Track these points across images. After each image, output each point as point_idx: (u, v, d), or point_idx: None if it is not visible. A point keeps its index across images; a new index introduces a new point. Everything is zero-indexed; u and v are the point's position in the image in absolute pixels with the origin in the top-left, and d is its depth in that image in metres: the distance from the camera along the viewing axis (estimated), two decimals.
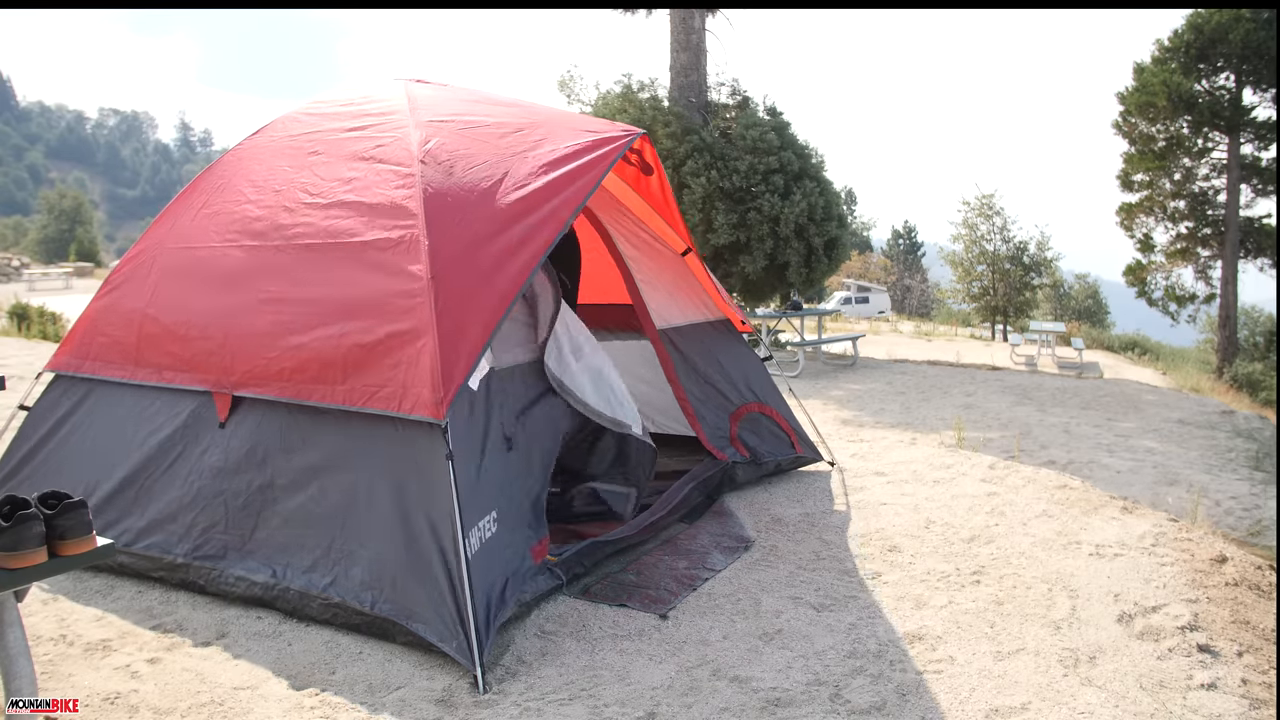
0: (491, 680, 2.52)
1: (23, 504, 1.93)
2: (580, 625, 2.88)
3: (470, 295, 2.90)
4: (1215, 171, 22.94)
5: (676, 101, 12.33)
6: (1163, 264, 23.98)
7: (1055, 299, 32.01)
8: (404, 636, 2.68)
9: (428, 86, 3.93)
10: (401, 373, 2.77)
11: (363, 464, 2.85)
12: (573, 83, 14.94)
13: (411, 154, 3.20)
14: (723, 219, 11.59)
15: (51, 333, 11.71)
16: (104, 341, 3.52)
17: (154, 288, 3.47)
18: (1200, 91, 21.89)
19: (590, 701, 2.42)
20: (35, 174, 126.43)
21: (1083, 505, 4.21)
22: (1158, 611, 2.93)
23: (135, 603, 3.05)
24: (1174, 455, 6.59)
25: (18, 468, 3.51)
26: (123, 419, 3.36)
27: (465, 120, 3.50)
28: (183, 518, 3.10)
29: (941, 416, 7.76)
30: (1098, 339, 25.24)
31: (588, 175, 3.31)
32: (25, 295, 17.11)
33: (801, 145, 12.24)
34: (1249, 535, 4.60)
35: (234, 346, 3.15)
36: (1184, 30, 21.74)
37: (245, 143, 3.79)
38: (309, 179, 3.36)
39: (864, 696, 2.43)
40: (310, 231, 3.20)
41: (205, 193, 3.61)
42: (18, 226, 64.90)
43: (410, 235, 2.95)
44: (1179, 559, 3.42)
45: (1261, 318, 25.03)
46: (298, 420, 3.00)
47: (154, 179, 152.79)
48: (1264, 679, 2.53)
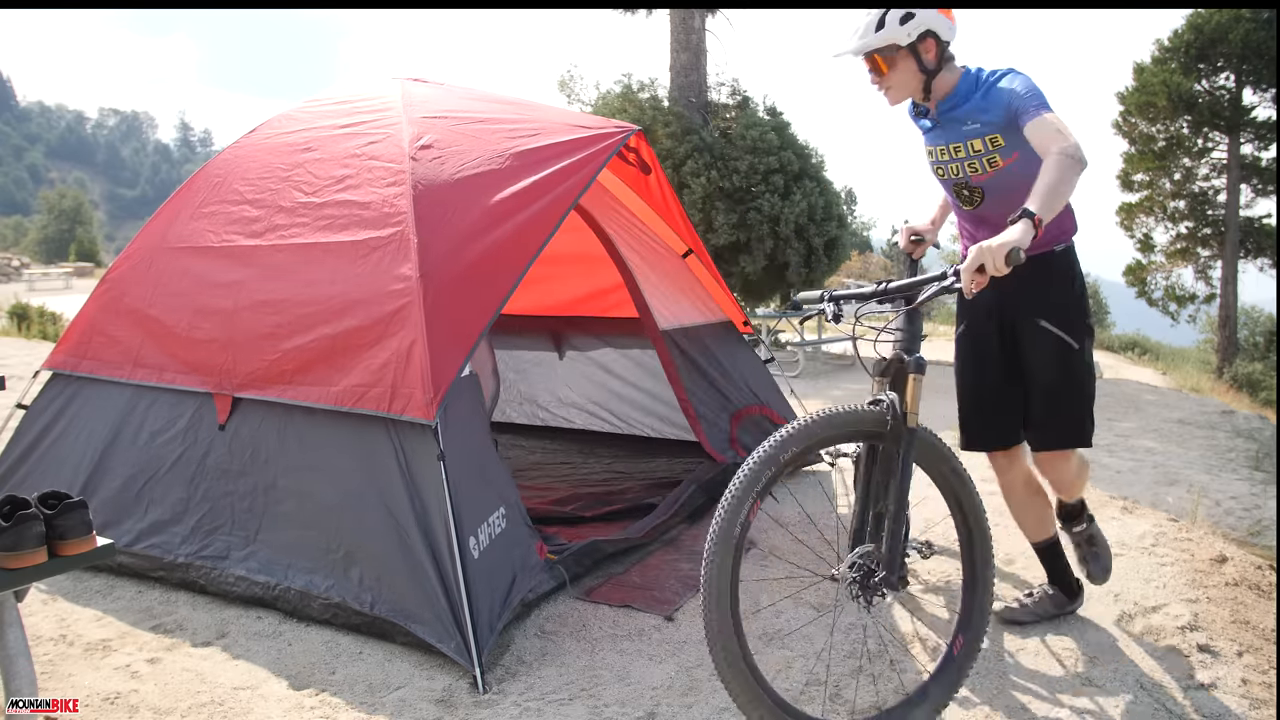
0: (491, 680, 2.52)
1: (23, 504, 1.92)
2: (580, 625, 2.88)
3: (461, 293, 2.89)
4: (1215, 171, 22.95)
5: (676, 101, 12.32)
6: (1163, 264, 23.98)
7: None
8: (403, 637, 2.68)
9: (424, 85, 3.92)
10: (391, 373, 2.77)
11: (358, 465, 2.84)
12: (573, 83, 14.92)
13: (403, 151, 3.20)
14: (723, 219, 11.58)
15: (51, 333, 11.70)
16: (102, 341, 3.52)
17: (153, 287, 3.46)
18: (1200, 91, 21.89)
19: (590, 701, 2.42)
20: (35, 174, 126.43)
21: None
22: (1158, 611, 2.93)
23: (135, 603, 3.05)
24: (1174, 455, 6.59)
25: (15, 466, 3.51)
26: (122, 419, 3.35)
27: (459, 117, 3.49)
28: (187, 519, 3.10)
29: (942, 416, 7.76)
30: (1098, 339, 25.18)
31: (582, 171, 3.30)
32: (25, 295, 17.12)
33: (801, 145, 12.23)
34: (1249, 535, 4.59)
35: (236, 348, 3.15)
36: (1184, 30, 21.74)
37: (241, 141, 3.78)
38: (304, 177, 3.36)
39: (864, 696, 2.43)
40: (305, 230, 3.20)
41: (202, 191, 3.61)
42: (18, 226, 64.93)
43: (400, 233, 2.95)
44: (1179, 559, 3.41)
45: (1261, 318, 25.01)
46: (295, 421, 3.00)
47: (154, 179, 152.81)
48: (1264, 679, 2.53)
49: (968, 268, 2.00)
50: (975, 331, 2.76)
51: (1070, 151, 2.17)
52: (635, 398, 5.34)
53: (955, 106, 2.50)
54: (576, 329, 5.48)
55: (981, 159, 2.49)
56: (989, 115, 2.43)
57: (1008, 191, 2.44)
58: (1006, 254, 1.95)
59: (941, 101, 2.53)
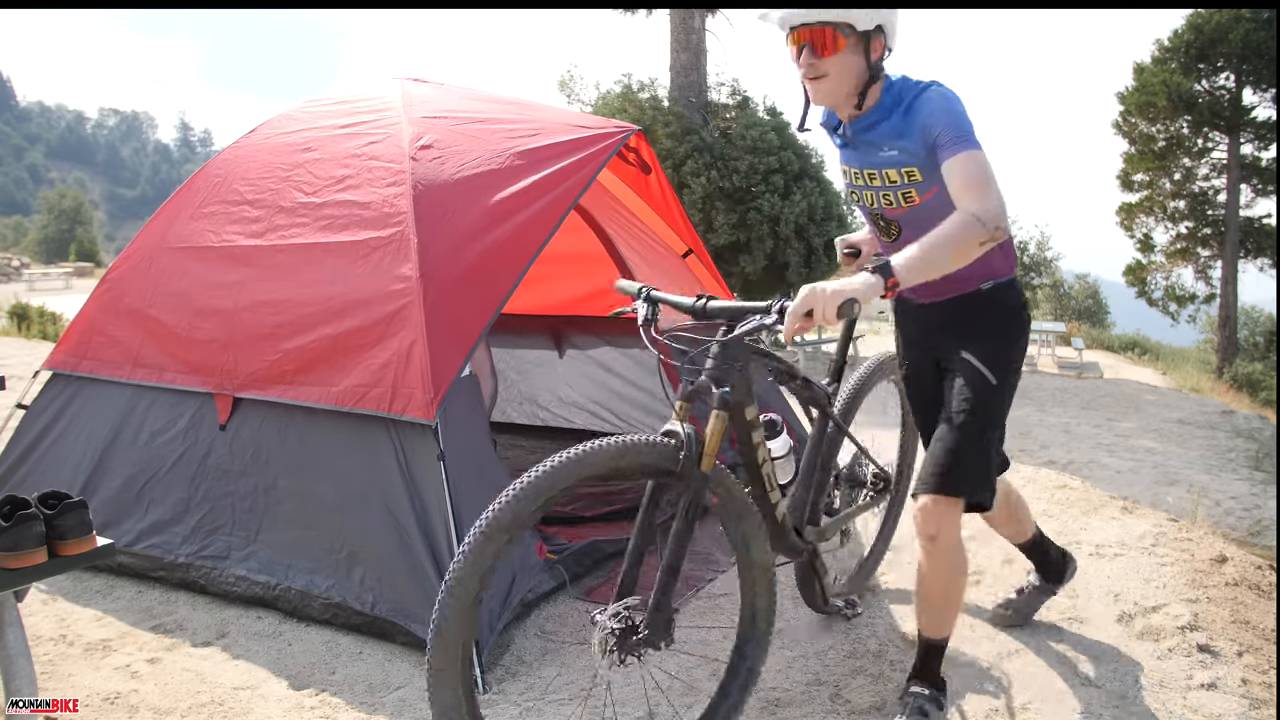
0: (491, 680, 2.52)
1: (23, 504, 1.92)
2: (580, 625, 2.88)
3: (461, 293, 2.89)
4: (1215, 171, 22.97)
5: (676, 101, 12.33)
6: (1163, 264, 24.00)
7: (1055, 299, 31.98)
8: (403, 637, 2.68)
9: (424, 85, 3.92)
10: (391, 373, 2.77)
11: (359, 465, 2.84)
12: (573, 83, 14.93)
13: (403, 150, 3.20)
14: (723, 219, 11.59)
15: (51, 333, 11.71)
16: (103, 341, 3.52)
17: (154, 287, 3.46)
18: (1200, 91, 21.90)
19: (590, 701, 2.42)
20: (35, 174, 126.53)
21: (1083, 505, 4.21)
22: (1158, 611, 2.93)
23: (135, 603, 3.05)
24: (1174, 455, 6.59)
25: (15, 466, 3.51)
26: (122, 419, 3.35)
27: (459, 117, 3.49)
28: (188, 519, 3.10)
29: None
30: (1098, 339, 25.23)
31: (582, 171, 3.30)
32: (25, 295, 17.11)
33: (801, 145, 12.24)
34: (1249, 535, 4.60)
35: (237, 348, 3.15)
36: (1184, 30, 21.76)
37: (241, 141, 3.78)
38: (304, 177, 3.36)
39: (864, 696, 2.43)
40: (305, 230, 3.20)
41: (202, 191, 3.61)
42: (18, 226, 64.96)
43: (400, 233, 2.95)
44: (1179, 559, 3.41)
45: (1261, 318, 25.04)
46: (296, 421, 3.00)
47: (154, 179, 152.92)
48: (1264, 679, 2.53)
49: (795, 310, 1.75)
50: (917, 371, 2.49)
51: (984, 216, 1.85)
52: (636, 397, 5.34)
53: (872, 126, 2.13)
54: (577, 328, 5.48)
55: (896, 192, 2.15)
56: (906, 142, 2.07)
57: (926, 229, 1.98)
58: (840, 305, 1.71)
59: (857, 120, 2.15)
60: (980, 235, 1.85)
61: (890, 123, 2.09)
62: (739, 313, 1.96)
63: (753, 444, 2.13)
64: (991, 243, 1.88)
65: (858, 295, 1.73)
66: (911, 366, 2.50)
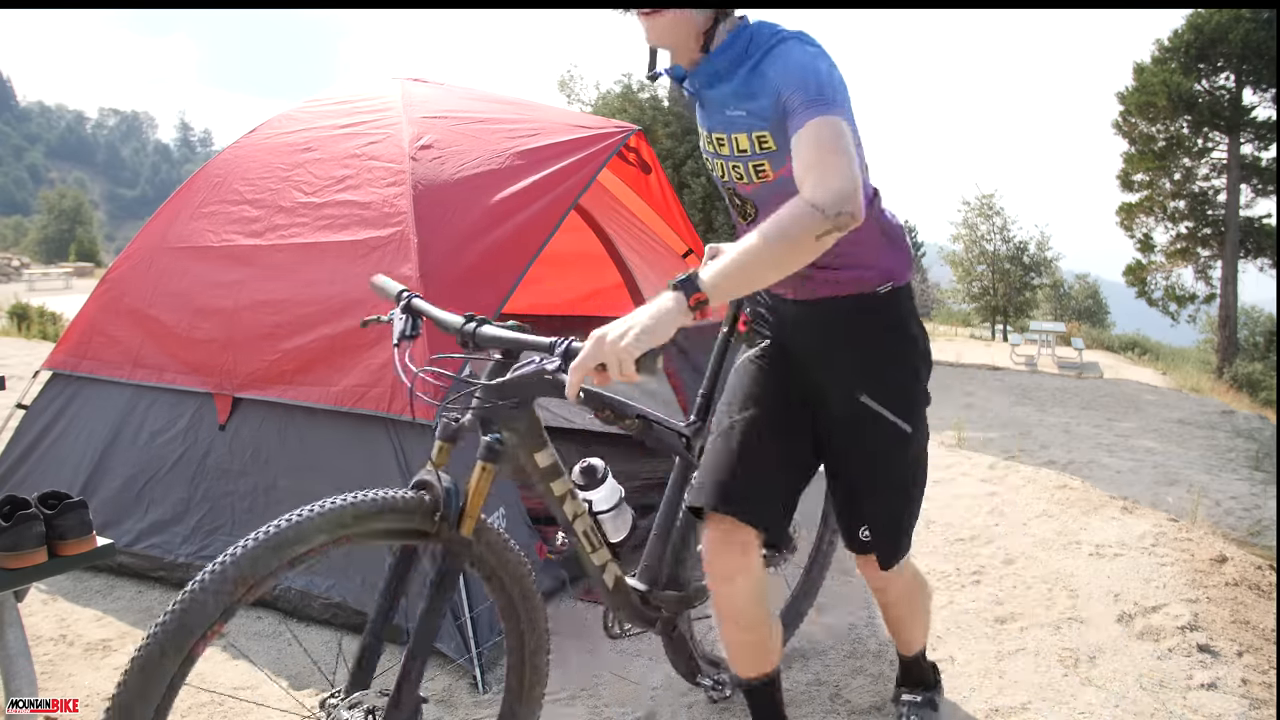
0: (491, 680, 2.52)
1: (23, 504, 1.92)
2: (580, 625, 2.88)
3: (461, 293, 2.89)
4: (1215, 171, 22.98)
5: (676, 101, 12.33)
6: (1163, 264, 24.01)
7: (1055, 299, 32.02)
8: (403, 637, 2.67)
9: (424, 85, 3.93)
10: (391, 373, 2.77)
11: (358, 465, 2.84)
12: (573, 83, 14.94)
13: (403, 150, 3.20)
14: (723, 219, 11.59)
15: (51, 333, 11.72)
16: (103, 341, 3.52)
17: (153, 287, 3.46)
18: (1200, 91, 21.92)
19: (590, 701, 2.42)
20: (35, 174, 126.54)
21: (1083, 505, 4.21)
22: (1158, 611, 2.93)
23: (135, 603, 3.05)
24: (1174, 455, 6.59)
25: (15, 466, 3.51)
26: (122, 419, 3.35)
27: (459, 117, 3.49)
28: (188, 519, 3.10)
29: (941, 416, 7.76)
30: (1098, 339, 25.25)
31: (582, 171, 3.30)
32: (25, 295, 17.13)
33: None
34: (1249, 535, 4.59)
35: (236, 348, 3.15)
36: (1184, 30, 21.77)
37: (241, 141, 3.78)
38: (304, 177, 3.36)
39: (864, 696, 2.43)
40: (305, 230, 3.20)
41: (202, 191, 3.61)
42: (18, 226, 64.98)
43: (400, 233, 2.95)
44: (1179, 559, 3.42)
45: (1261, 318, 25.07)
46: (296, 421, 3.00)
47: (154, 179, 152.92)
48: (1264, 679, 2.53)
49: (581, 364, 1.41)
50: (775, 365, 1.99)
51: (822, 203, 1.39)
52: (636, 397, 5.34)
53: (716, 80, 1.69)
54: (577, 328, 5.47)
55: (746, 163, 1.71)
56: (755, 104, 1.63)
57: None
58: (639, 360, 1.34)
59: (698, 67, 1.69)
60: (817, 227, 1.39)
61: (736, 78, 1.66)
62: (516, 346, 1.60)
63: (555, 497, 1.75)
64: (837, 233, 1.41)
65: (657, 341, 1.35)
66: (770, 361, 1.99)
